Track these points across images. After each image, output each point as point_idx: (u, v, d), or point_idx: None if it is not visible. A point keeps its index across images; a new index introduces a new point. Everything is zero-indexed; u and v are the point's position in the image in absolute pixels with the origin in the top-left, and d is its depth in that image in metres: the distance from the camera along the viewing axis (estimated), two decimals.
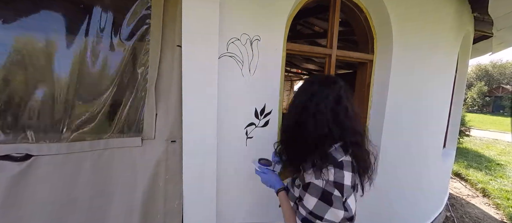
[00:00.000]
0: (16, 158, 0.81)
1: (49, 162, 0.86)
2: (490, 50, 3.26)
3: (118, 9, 0.99)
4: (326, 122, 0.77)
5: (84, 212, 0.94)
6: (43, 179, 0.85)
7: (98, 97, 0.97)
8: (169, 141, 1.11)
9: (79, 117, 0.94)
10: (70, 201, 0.91)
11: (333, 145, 0.78)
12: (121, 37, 1.02)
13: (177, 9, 1.07)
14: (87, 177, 0.92)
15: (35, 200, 0.85)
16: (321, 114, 0.77)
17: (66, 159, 0.88)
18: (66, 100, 0.91)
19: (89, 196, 0.94)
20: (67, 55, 0.91)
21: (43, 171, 0.85)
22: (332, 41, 1.61)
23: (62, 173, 0.88)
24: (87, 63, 0.96)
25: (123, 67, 1.02)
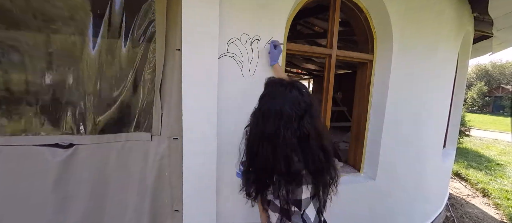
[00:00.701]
0: (63, 146, 1.06)
1: (87, 149, 1.10)
2: (490, 50, 3.26)
3: (130, 15, 1.12)
4: (295, 132, 0.72)
5: (113, 190, 1.16)
6: (83, 162, 1.09)
7: (118, 98, 1.16)
8: (171, 138, 1.21)
9: (105, 114, 1.15)
10: (103, 179, 1.14)
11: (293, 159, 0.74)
12: (133, 41, 1.14)
13: (178, 14, 1.11)
14: (114, 162, 1.15)
15: (77, 177, 1.09)
16: (292, 121, 0.72)
17: (99, 147, 1.12)
18: (94, 99, 1.12)
19: (116, 178, 1.16)
20: (94, 59, 1.09)
21: (82, 156, 1.09)
22: (332, 41, 1.62)
23: (96, 159, 1.11)
24: (112, 66, 1.12)
25: (136, 70, 1.16)
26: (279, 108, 0.73)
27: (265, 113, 0.76)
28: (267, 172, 0.75)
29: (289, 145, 0.71)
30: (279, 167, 0.72)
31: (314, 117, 0.76)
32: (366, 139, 1.91)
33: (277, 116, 0.73)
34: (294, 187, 0.73)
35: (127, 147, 1.17)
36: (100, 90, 1.11)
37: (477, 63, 35.41)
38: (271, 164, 0.73)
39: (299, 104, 0.74)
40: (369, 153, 1.91)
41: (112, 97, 1.14)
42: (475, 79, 31.61)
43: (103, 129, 1.14)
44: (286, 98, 0.74)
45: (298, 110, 0.73)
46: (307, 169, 0.73)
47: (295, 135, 0.72)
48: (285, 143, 0.71)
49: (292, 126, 0.72)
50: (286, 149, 0.71)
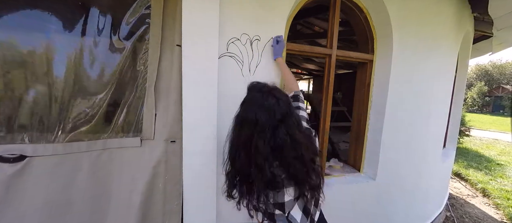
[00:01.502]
0: (9, 159, 0.78)
1: (44, 162, 0.83)
2: (490, 50, 3.26)
3: (117, 8, 0.98)
4: (268, 142, 0.72)
5: (82, 214, 0.92)
6: (39, 181, 0.82)
7: (95, 97, 0.95)
8: (168, 141, 1.11)
9: (76, 117, 0.92)
10: (67, 203, 0.89)
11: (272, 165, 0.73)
12: (120, 36, 1.01)
13: (177, 9, 1.07)
14: (85, 178, 0.91)
15: (30, 202, 0.82)
16: (266, 131, 0.72)
17: (63, 160, 0.87)
18: (62, 100, 0.90)
19: (87, 197, 0.93)
20: (63, 54, 0.90)
21: (38, 172, 0.82)
22: (332, 41, 1.62)
23: (58, 174, 0.86)
24: (84, 62, 0.95)
25: (122, 67, 1.01)
26: (254, 117, 0.73)
27: (242, 119, 0.77)
28: (247, 175, 0.76)
29: (262, 154, 0.70)
30: (253, 174, 0.72)
31: (291, 126, 0.74)
32: (366, 139, 1.91)
33: (252, 123, 0.73)
34: (274, 192, 0.74)
35: (105, 156, 0.94)
36: (69, 89, 0.89)
37: (477, 63, 35.39)
38: (247, 169, 0.74)
39: (275, 114, 0.73)
40: (369, 153, 1.91)
41: (87, 97, 0.92)
42: (475, 79, 31.59)
43: (72, 135, 0.89)
44: (262, 107, 0.74)
45: (273, 120, 0.72)
46: (286, 174, 0.73)
47: (269, 144, 0.71)
48: (257, 151, 0.71)
49: (266, 136, 0.71)
50: (258, 158, 0.71)
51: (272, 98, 0.75)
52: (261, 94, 0.77)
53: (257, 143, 0.71)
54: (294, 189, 0.76)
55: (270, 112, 0.73)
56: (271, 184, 0.72)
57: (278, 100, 0.76)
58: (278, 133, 0.72)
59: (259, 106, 0.74)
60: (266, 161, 0.71)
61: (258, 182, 0.72)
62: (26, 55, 0.86)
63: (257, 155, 0.71)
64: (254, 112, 0.73)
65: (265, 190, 0.73)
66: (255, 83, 0.85)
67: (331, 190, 1.66)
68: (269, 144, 0.71)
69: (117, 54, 1.00)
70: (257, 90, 0.80)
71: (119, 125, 1.00)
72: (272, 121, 0.72)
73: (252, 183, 0.74)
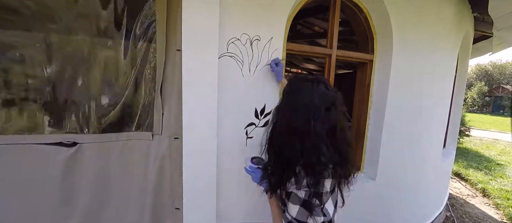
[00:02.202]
0: (67, 144, 1.09)
1: (89, 147, 1.12)
2: (490, 50, 3.26)
3: (132, 15, 1.13)
4: (323, 124, 0.73)
5: (116, 187, 1.19)
6: (86, 160, 1.12)
7: (120, 97, 1.17)
8: (172, 137, 1.22)
9: (107, 113, 1.16)
10: (106, 178, 1.16)
11: (328, 147, 0.75)
12: (135, 42, 1.14)
13: (178, 14, 1.12)
14: (116, 161, 1.17)
15: (81, 175, 1.12)
16: (321, 113, 0.73)
17: (101, 146, 1.14)
18: (97, 100, 1.13)
19: (118, 176, 1.19)
20: (99, 58, 1.11)
21: (86, 154, 1.12)
22: (332, 41, 1.62)
23: (99, 157, 1.14)
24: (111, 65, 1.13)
25: (137, 70, 1.17)
26: (308, 101, 0.74)
27: (293, 105, 0.77)
28: (292, 163, 0.76)
29: (319, 136, 0.72)
30: (307, 159, 0.72)
31: (339, 111, 0.78)
32: (366, 139, 1.91)
33: (306, 108, 0.74)
34: (320, 178, 0.74)
35: (129, 146, 1.19)
36: (103, 90, 1.13)
37: (477, 63, 35.40)
38: (298, 155, 0.73)
39: (326, 97, 0.76)
40: (369, 153, 1.91)
41: (115, 97, 1.15)
42: (475, 79, 31.59)
43: (105, 128, 1.16)
44: (314, 92, 0.76)
45: (326, 103, 0.75)
46: (332, 161, 0.74)
47: (324, 126, 0.73)
48: (315, 134, 0.72)
49: (321, 117, 0.73)
50: (316, 140, 0.72)
51: (321, 84, 0.79)
52: (309, 82, 0.80)
53: (316, 124, 0.72)
54: (331, 181, 0.78)
55: (323, 95, 0.76)
56: (322, 169, 0.72)
57: (327, 86, 0.79)
58: (330, 115, 0.74)
59: (311, 92, 0.76)
60: (323, 143, 0.73)
61: (311, 167, 0.72)
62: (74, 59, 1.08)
63: (315, 137, 0.72)
64: (308, 97, 0.75)
65: (317, 175, 0.73)
66: (295, 74, 0.89)
67: None
68: (324, 126, 0.73)
69: (134, 59, 1.16)
70: (304, 80, 0.82)
71: (138, 121, 1.21)
72: (326, 103, 0.75)
73: (295, 171, 0.75)
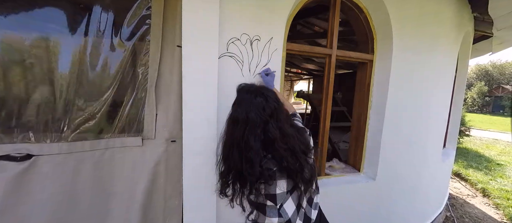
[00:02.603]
0: (17, 158, 0.82)
1: (50, 161, 0.86)
2: (490, 50, 3.26)
3: (118, 9, 1.00)
4: (259, 137, 0.76)
5: (86, 210, 0.95)
6: (45, 178, 0.86)
7: (97, 97, 0.98)
8: (169, 140, 1.12)
9: (80, 117, 0.94)
10: (72, 200, 0.92)
11: (265, 157, 0.77)
12: (122, 37, 1.03)
13: (177, 10, 1.07)
14: (89, 176, 0.93)
15: (37, 199, 0.86)
16: (256, 127, 0.76)
17: (67, 158, 0.89)
18: (66, 100, 0.92)
19: (90, 195, 0.95)
20: (67, 54, 0.92)
21: (44, 170, 0.85)
22: (332, 41, 1.62)
23: (63, 172, 0.89)
24: (86, 62, 0.96)
25: (123, 68, 1.03)
26: (245, 115, 0.77)
27: (234, 119, 0.81)
28: (239, 173, 0.79)
29: (252, 149, 0.75)
30: (245, 169, 0.75)
31: (281, 120, 0.80)
32: (366, 139, 1.91)
33: (243, 122, 0.77)
34: (266, 184, 0.77)
35: (108, 156, 0.97)
36: (75, 90, 0.91)
37: (477, 63, 35.39)
38: (240, 166, 0.77)
39: (264, 110, 0.78)
40: (369, 153, 1.91)
41: (91, 97, 0.95)
42: (475, 79, 31.58)
43: (76, 135, 0.92)
44: (252, 105, 0.78)
45: (263, 116, 0.77)
46: (278, 166, 0.77)
47: (259, 139, 0.76)
48: (248, 147, 0.75)
49: (256, 131, 0.76)
50: (249, 153, 0.75)
51: (260, 96, 0.81)
52: (249, 95, 0.82)
53: (248, 139, 0.75)
54: (286, 182, 0.79)
55: (259, 109, 0.78)
56: (263, 177, 0.75)
57: (266, 97, 0.81)
58: (268, 127, 0.77)
59: (249, 105, 0.79)
60: (257, 155, 0.75)
61: (250, 176, 0.75)
62: (29, 54, 0.87)
63: (248, 150, 0.75)
64: (245, 111, 0.78)
65: (257, 183, 0.76)
66: (243, 85, 0.91)
67: (331, 190, 1.66)
68: (259, 139, 0.76)
69: (119, 55, 1.02)
70: (246, 91, 0.85)
71: (121, 124, 1.02)
72: (262, 117, 0.77)
73: (245, 178, 0.78)
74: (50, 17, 0.91)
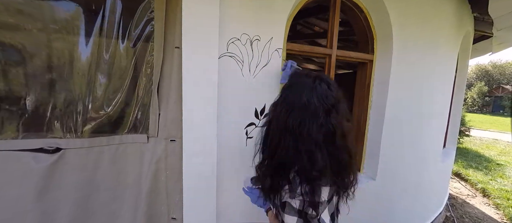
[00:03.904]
0: (49, 151, 0.95)
1: (75, 154, 1.00)
2: (490, 50, 3.26)
3: (127, 14, 1.08)
4: (320, 127, 0.66)
5: (105, 198, 1.09)
6: (72, 169, 1.00)
7: (113, 98, 1.09)
8: (168, 139, 1.17)
9: (97, 115, 1.07)
10: (93, 188, 1.06)
11: (323, 153, 0.67)
12: (130, 41, 1.09)
13: (177, 12, 1.09)
14: (107, 168, 1.07)
15: (67, 186, 0.99)
16: (318, 116, 0.66)
17: (89, 152, 1.03)
18: (86, 100, 1.04)
19: (108, 184, 1.08)
20: (86, 57, 1.02)
21: (71, 161, 0.99)
22: (332, 41, 1.62)
23: (86, 164, 1.02)
24: (102, 64, 1.06)
25: (132, 69, 1.11)
26: (305, 100, 0.67)
27: (289, 103, 0.70)
28: (286, 167, 0.69)
29: (314, 140, 0.65)
30: (302, 163, 0.66)
31: (341, 114, 0.70)
32: (366, 139, 1.91)
33: (303, 108, 0.67)
34: (316, 186, 0.66)
35: (121, 150, 1.09)
36: (92, 91, 1.04)
37: (477, 63, 35.40)
38: (291, 158, 0.67)
39: (327, 98, 0.68)
40: (369, 153, 1.91)
41: (107, 98, 1.07)
42: (475, 79, 31.59)
43: (95, 131, 1.05)
44: (314, 91, 0.69)
45: (326, 105, 0.67)
46: (330, 169, 0.67)
47: (321, 130, 0.66)
48: (309, 137, 0.65)
49: (318, 120, 0.66)
50: (310, 144, 0.65)
51: (324, 83, 0.71)
52: (311, 79, 0.72)
53: (310, 127, 0.65)
54: (329, 189, 0.71)
55: (323, 95, 0.68)
56: (317, 176, 0.65)
57: (329, 85, 0.71)
58: (330, 119, 0.67)
59: (311, 90, 0.69)
60: (318, 148, 0.65)
61: (305, 173, 0.65)
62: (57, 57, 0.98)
63: (309, 140, 0.65)
64: (307, 96, 0.68)
65: (312, 182, 0.65)
66: (300, 70, 0.81)
67: None
68: (321, 130, 0.66)
69: (129, 58, 1.10)
70: (305, 76, 0.75)
71: (132, 122, 1.13)
72: (325, 105, 0.67)
73: (288, 175, 0.68)
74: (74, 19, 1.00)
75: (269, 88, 1.33)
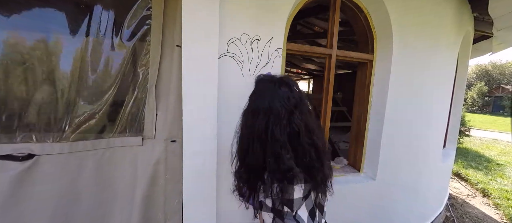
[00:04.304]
0: (19, 158, 0.82)
1: (52, 160, 0.87)
2: (490, 50, 3.26)
3: (119, 9, 1.00)
4: (284, 129, 0.69)
5: (88, 209, 0.96)
6: (47, 178, 0.87)
7: (99, 97, 0.98)
8: (168, 140, 1.13)
9: (81, 116, 0.95)
10: (74, 199, 0.93)
11: (289, 153, 0.71)
12: (122, 38, 1.03)
13: (177, 10, 1.08)
14: (90, 175, 0.94)
15: (39, 197, 0.88)
16: (281, 118, 0.70)
17: (69, 158, 0.90)
18: (67, 100, 0.93)
19: (93, 194, 0.96)
20: (68, 54, 0.92)
21: (46, 169, 0.86)
22: (332, 41, 1.62)
23: (65, 172, 0.90)
24: (87, 63, 0.96)
25: (124, 68, 1.03)
26: (268, 105, 0.71)
27: (254, 110, 0.75)
28: (258, 170, 0.73)
29: (279, 142, 0.69)
30: (269, 165, 0.69)
31: (304, 113, 0.74)
32: (366, 139, 1.91)
33: (266, 112, 0.71)
34: (286, 185, 0.70)
35: (108, 155, 0.98)
36: (75, 89, 0.92)
37: (477, 63, 35.39)
38: (261, 162, 0.71)
39: (289, 100, 0.72)
40: (369, 153, 1.91)
41: (92, 97, 0.96)
42: (475, 79, 31.58)
43: (78, 134, 0.93)
44: (275, 95, 0.73)
45: (287, 106, 0.71)
46: (298, 166, 0.70)
47: (285, 131, 0.70)
48: (274, 139, 0.69)
49: (281, 122, 0.70)
50: (276, 146, 0.69)
51: (284, 86, 0.75)
52: (272, 84, 0.76)
53: (274, 130, 0.69)
54: (303, 186, 0.73)
55: (284, 98, 0.72)
56: (285, 175, 0.68)
57: (291, 87, 0.75)
58: (293, 119, 0.70)
59: (273, 94, 0.73)
60: (284, 149, 0.68)
61: (274, 174, 0.69)
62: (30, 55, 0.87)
63: (274, 143, 0.69)
64: (268, 100, 0.72)
65: (281, 182, 0.69)
66: (263, 75, 0.85)
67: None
68: (285, 131, 0.69)
69: (120, 55, 1.02)
70: (268, 81, 0.79)
71: (122, 124, 1.03)
72: (287, 107, 0.71)
73: (262, 177, 0.72)
74: (51, 18, 0.91)
75: None
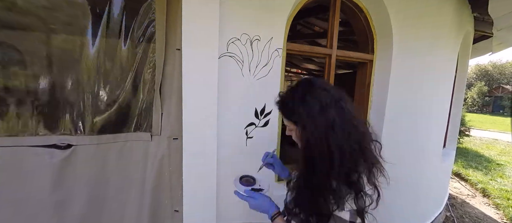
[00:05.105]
0: (61, 147, 1.05)
1: (85, 150, 1.09)
2: (490, 50, 3.26)
3: (131, 14, 1.11)
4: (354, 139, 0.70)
5: (113, 192, 1.16)
6: (83, 165, 1.09)
7: (117, 97, 1.15)
8: (171, 138, 1.20)
9: (105, 114, 1.14)
10: (104, 182, 1.14)
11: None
12: (134, 40, 1.13)
13: (178, 13, 1.11)
14: (114, 163, 1.15)
15: (79, 181, 1.09)
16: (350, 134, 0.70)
17: (98, 148, 1.11)
18: (94, 100, 1.11)
19: (116, 180, 1.16)
20: (93, 59, 1.08)
21: (81, 157, 1.08)
22: (332, 41, 1.62)
23: (95, 160, 1.11)
24: (108, 65, 1.11)
25: (136, 69, 1.16)
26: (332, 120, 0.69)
27: (323, 129, 0.69)
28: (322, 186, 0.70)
29: (355, 151, 0.70)
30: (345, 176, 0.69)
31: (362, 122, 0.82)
32: None
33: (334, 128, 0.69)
34: (362, 192, 0.72)
35: (127, 147, 1.16)
36: (99, 90, 1.11)
37: (477, 63, 35.40)
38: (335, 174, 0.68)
39: (350, 113, 0.75)
40: None
41: (112, 97, 1.13)
42: (475, 79, 31.59)
43: (102, 129, 1.13)
44: (340, 111, 0.73)
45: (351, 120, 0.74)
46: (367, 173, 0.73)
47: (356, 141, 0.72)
48: (352, 149, 0.69)
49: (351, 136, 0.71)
50: (355, 155, 0.70)
51: (342, 101, 0.76)
52: (333, 101, 0.74)
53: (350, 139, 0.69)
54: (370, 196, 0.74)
55: (346, 113, 0.73)
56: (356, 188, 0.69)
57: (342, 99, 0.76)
58: (358, 129, 0.74)
59: (337, 111, 0.72)
60: (360, 157, 0.71)
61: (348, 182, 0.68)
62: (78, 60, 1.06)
63: (352, 152, 0.69)
64: (333, 116, 0.70)
65: (359, 189, 0.70)
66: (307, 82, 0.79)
67: None
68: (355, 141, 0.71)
69: (133, 58, 1.14)
70: (323, 95, 0.75)
71: (137, 121, 1.19)
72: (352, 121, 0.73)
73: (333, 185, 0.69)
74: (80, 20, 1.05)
75: (269, 88, 1.33)
